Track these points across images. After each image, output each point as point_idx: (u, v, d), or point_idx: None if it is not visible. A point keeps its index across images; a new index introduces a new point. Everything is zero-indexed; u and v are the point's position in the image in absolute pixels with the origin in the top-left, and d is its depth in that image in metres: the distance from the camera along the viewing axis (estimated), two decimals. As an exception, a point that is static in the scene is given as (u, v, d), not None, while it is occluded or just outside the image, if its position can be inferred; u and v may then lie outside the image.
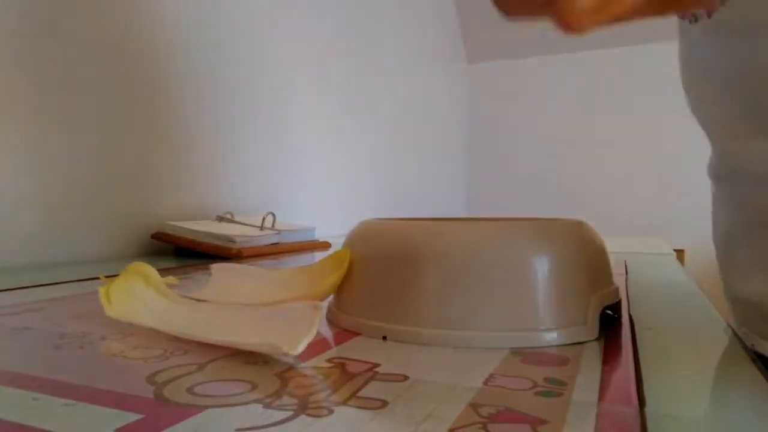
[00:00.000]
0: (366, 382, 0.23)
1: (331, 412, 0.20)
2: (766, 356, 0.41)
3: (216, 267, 0.44)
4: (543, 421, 0.19)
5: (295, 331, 0.26)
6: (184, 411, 0.20)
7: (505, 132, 2.80)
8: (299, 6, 1.24)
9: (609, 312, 0.33)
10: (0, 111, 0.63)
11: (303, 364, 0.25)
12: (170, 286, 0.37)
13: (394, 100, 1.71)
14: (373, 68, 1.58)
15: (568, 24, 0.22)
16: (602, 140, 2.37)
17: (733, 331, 0.35)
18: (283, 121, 1.17)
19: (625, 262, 0.68)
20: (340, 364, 0.25)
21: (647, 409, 0.21)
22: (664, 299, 0.49)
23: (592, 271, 0.32)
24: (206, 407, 0.20)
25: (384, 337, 0.30)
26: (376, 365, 0.25)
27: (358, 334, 0.31)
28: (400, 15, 1.83)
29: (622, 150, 2.20)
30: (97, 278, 0.45)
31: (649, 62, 2.48)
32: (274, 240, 0.85)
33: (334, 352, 0.28)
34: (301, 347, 0.24)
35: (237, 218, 0.86)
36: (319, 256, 0.85)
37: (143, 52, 0.83)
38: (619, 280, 0.36)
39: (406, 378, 0.23)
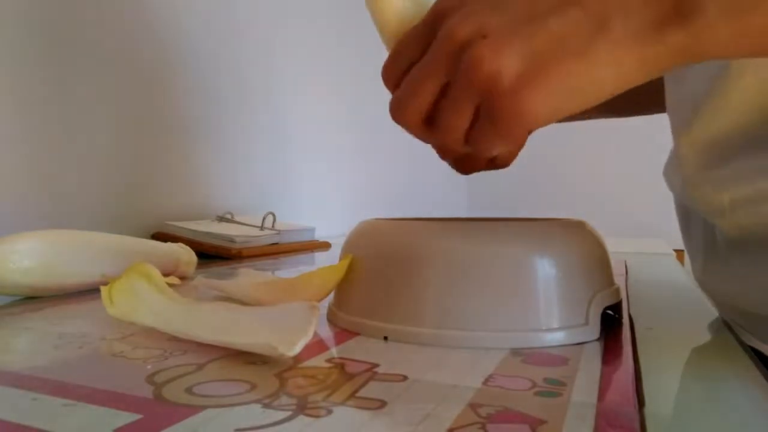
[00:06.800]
0: (365, 383, 0.23)
1: (330, 412, 0.20)
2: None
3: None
4: (542, 422, 0.19)
5: (292, 331, 0.26)
6: (183, 411, 0.20)
7: (505, 132, 2.78)
8: (301, 11, 1.24)
9: (610, 312, 0.33)
10: (3, 111, 0.63)
11: (302, 365, 0.25)
12: (171, 285, 0.37)
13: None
14: (373, 69, 1.58)
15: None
16: (603, 140, 2.37)
17: (733, 330, 0.35)
18: (284, 122, 1.17)
19: (625, 262, 0.68)
20: (340, 365, 0.25)
21: (646, 409, 0.21)
22: (664, 299, 0.49)
23: (593, 271, 0.32)
24: (205, 407, 0.20)
25: (385, 338, 0.30)
26: (376, 365, 0.25)
27: (357, 334, 0.31)
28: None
29: (622, 149, 2.20)
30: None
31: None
32: (274, 240, 0.85)
33: (333, 352, 0.28)
34: (297, 348, 0.24)
35: (237, 218, 0.86)
36: (319, 256, 0.85)
37: (143, 53, 0.83)
38: (619, 280, 0.36)
39: (405, 378, 0.23)
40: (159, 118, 0.86)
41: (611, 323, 0.33)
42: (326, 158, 1.35)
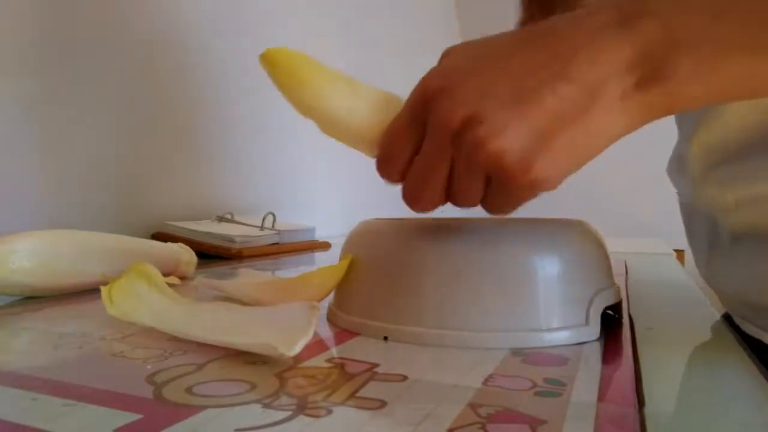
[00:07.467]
0: (365, 383, 0.23)
1: (329, 412, 0.20)
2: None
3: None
4: (542, 422, 0.19)
5: (292, 331, 0.26)
6: (183, 411, 0.20)
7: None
8: (303, 9, 1.24)
9: (610, 312, 0.33)
10: (3, 112, 0.63)
11: (302, 365, 0.25)
12: (171, 285, 0.37)
13: (395, 100, 1.70)
14: (373, 68, 1.58)
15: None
16: (603, 140, 2.37)
17: (734, 327, 0.35)
18: (284, 122, 1.17)
19: (625, 262, 0.68)
20: (340, 365, 0.25)
21: (646, 409, 0.21)
22: (664, 299, 0.49)
23: (593, 271, 0.32)
24: (205, 407, 0.20)
25: (385, 338, 0.30)
26: (376, 365, 0.25)
27: (357, 334, 0.31)
28: (402, 15, 1.83)
29: (622, 150, 2.20)
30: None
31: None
32: (274, 240, 0.85)
33: (333, 352, 0.28)
34: (297, 348, 0.24)
35: (237, 218, 0.86)
36: (319, 256, 0.85)
37: (143, 54, 0.83)
38: (619, 280, 0.36)
39: (405, 378, 0.23)
40: (159, 118, 0.86)
41: (611, 323, 0.33)
42: (326, 158, 1.35)
